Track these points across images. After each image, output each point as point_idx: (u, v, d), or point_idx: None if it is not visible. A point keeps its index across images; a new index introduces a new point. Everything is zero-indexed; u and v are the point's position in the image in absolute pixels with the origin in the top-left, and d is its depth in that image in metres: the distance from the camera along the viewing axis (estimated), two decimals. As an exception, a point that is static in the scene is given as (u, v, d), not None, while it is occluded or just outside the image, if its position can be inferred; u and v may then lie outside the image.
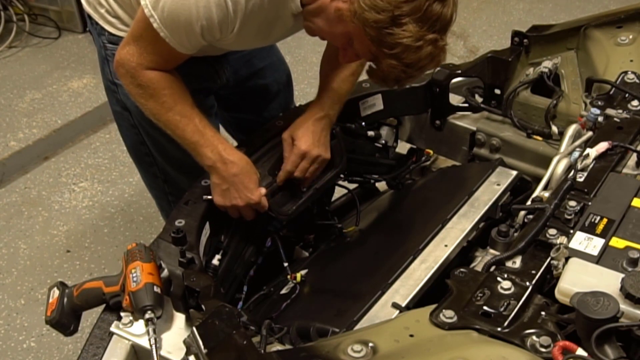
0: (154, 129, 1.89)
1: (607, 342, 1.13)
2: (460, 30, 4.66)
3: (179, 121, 1.65)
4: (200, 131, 1.66)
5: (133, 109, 1.91)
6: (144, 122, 1.92)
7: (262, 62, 2.11)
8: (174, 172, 2.04)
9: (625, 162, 1.65)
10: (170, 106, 1.65)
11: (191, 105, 1.67)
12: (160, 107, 1.65)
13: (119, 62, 1.65)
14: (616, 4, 3.89)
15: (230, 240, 1.71)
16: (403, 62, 1.43)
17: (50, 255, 3.04)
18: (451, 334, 1.22)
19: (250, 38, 1.67)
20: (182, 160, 1.91)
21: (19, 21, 4.49)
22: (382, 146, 2.13)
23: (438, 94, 2.09)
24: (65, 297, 1.43)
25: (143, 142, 2.00)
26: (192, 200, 1.63)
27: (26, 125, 3.80)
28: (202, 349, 1.15)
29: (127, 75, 1.65)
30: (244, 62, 2.05)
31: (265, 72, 2.13)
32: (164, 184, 2.08)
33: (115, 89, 1.93)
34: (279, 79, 2.19)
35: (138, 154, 2.06)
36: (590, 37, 2.05)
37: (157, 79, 1.63)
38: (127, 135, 2.05)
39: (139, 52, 1.61)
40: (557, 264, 1.32)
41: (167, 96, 1.64)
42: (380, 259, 1.72)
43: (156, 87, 1.64)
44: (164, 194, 2.12)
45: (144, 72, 1.62)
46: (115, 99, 1.96)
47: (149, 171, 2.08)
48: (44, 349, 2.63)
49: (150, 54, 1.61)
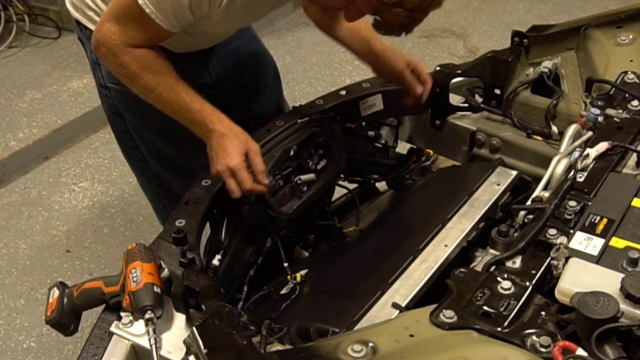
0: (148, 132, 1.90)
1: (607, 342, 1.13)
2: (460, 30, 4.66)
3: (167, 96, 1.64)
4: (188, 104, 1.64)
5: (125, 114, 1.91)
6: (137, 126, 1.91)
7: (249, 57, 2.11)
8: (167, 175, 2.03)
9: (625, 162, 1.65)
10: (157, 82, 1.62)
11: (176, 79, 1.64)
12: (146, 85, 1.63)
13: (98, 40, 1.60)
14: (616, 4, 3.89)
15: (231, 240, 1.71)
16: (406, 8, 1.45)
17: (50, 255, 3.05)
18: (451, 334, 1.22)
19: (239, 13, 1.65)
20: (176, 162, 1.94)
21: (19, 21, 4.48)
22: (382, 146, 2.13)
23: (438, 94, 2.09)
24: (65, 297, 1.43)
25: (136, 147, 2.00)
26: (193, 200, 1.63)
27: (26, 125, 3.80)
28: (202, 349, 1.15)
29: (108, 55, 1.62)
30: (230, 56, 2.05)
31: (253, 67, 2.14)
32: (158, 189, 2.08)
33: (107, 94, 1.91)
34: (266, 73, 2.20)
35: (132, 159, 2.07)
36: (590, 37, 2.05)
37: (140, 57, 1.60)
38: (121, 141, 2.05)
39: (121, 30, 1.57)
40: (557, 264, 1.32)
41: (151, 73, 1.61)
42: (380, 259, 1.72)
43: (139, 64, 1.61)
44: (159, 197, 2.12)
45: (126, 49, 1.59)
46: (107, 103, 1.95)
47: (144, 175, 2.08)
48: (44, 349, 2.63)
49: (133, 31, 1.57)
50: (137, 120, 1.92)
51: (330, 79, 4.11)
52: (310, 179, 1.85)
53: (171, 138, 1.96)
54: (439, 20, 4.71)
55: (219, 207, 1.69)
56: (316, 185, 1.86)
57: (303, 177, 1.84)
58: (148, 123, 1.94)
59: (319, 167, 1.89)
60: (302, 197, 1.82)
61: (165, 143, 1.95)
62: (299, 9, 4.82)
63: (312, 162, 1.88)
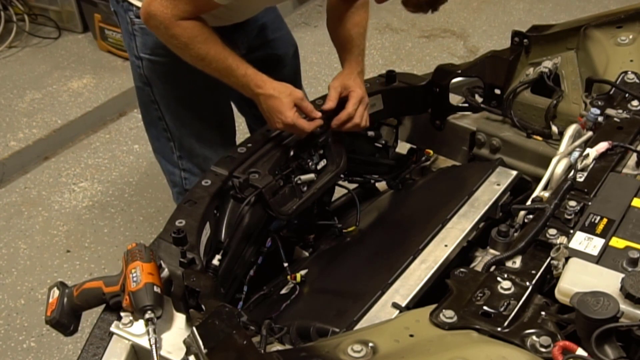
0: (175, 103, 2.06)
1: (607, 342, 1.13)
2: (460, 30, 4.66)
3: (216, 63, 1.79)
4: (234, 69, 1.79)
5: (155, 84, 2.04)
6: (165, 97, 2.05)
7: (274, 34, 2.24)
8: (189, 147, 2.15)
9: (625, 162, 1.65)
10: (206, 51, 1.77)
11: (222, 47, 1.79)
12: (196, 54, 1.78)
13: (150, 14, 1.74)
14: (616, 4, 3.90)
15: (231, 240, 1.71)
16: None
17: (50, 255, 3.05)
18: (451, 334, 1.22)
19: None
20: (200, 134, 2.12)
21: (19, 21, 4.48)
22: (382, 146, 2.13)
23: (438, 94, 2.09)
24: (65, 297, 1.43)
25: (162, 118, 2.11)
26: (193, 200, 1.63)
27: (26, 125, 3.80)
28: (202, 349, 1.15)
29: (160, 27, 1.76)
30: (257, 32, 2.18)
31: (277, 43, 2.25)
32: (179, 160, 2.19)
33: (139, 64, 2.04)
34: (288, 51, 2.31)
35: (157, 129, 2.17)
36: (590, 37, 2.05)
37: (190, 28, 1.75)
38: (147, 111, 2.16)
39: (173, 4, 1.71)
40: (557, 264, 1.32)
41: (200, 42, 1.76)
42: (380, 259, 1.72)
43: (190, 34, 1.75)
44: (177, 170, 2.22)
45: (177, 22, 1.73)
46: (138, 74, 2.07)
47: (167, 146, 2.19)
48: (44, 349, 2.63)
49: (184, 4, 1.72)
50: (167, 91, 2.06)
51: (330, 79, 4.08)
52: (310, 179, 1.86)
53: (197, 111, 2.10)
54: (439, 20, 4.71)
55: (219, 207, 1.69)
56: (316, 185, 1.86)
57: (303, 177, 1.84)
58: (177, 94, 2.07)
59: (319, 167, 1.90)
60: (302, 197, 1.83)
61: (192, 115, 2.10)
62: (299, 9, 4.84)
63: (312, 162, 1.88)
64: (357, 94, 1.88)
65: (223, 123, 2.19)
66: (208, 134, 2.13)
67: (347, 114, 1.86)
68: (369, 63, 4.30)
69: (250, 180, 1.72)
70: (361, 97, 1.88)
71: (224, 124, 2.20)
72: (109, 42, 4.32)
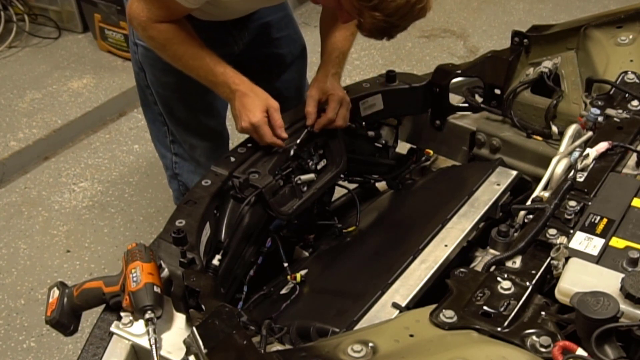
0: (162, 90, 2.11)
1: (607, 342, 1.13)
2: (460, 30, 4.66)
3: (192, 63, 1.82)
4: (211, 68, 1.81)
5: (147, 70, 2.10)
6: (156, 83, 2.10)
7: (279, 33, 2.23)
8: (179, 134, 2.20)
9: (625, 162, 1.65)
10: (182, 52, 1.81)
11: (200, 46, 1.82)
12: (173, 54, 1.83)
13: (130, 16, 1.81)
14: (616, 4, 3.89)
15: (231, 240, 1.71)
16: (384, 13, 1.50)
17: (50, 255, 3.04)
18: (451, 334, 1.22)
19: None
20: (188, 121, 2.17)
21: (19, 21, 4.48)
22: (382, 146, 2.13)
23: (438, 94, 2.09)
24: (65, 297, 1.43)
25: (156, 102, 2.17)
26: (193, 200, 1.63)
27: (26, 125, 3.80)
28: (202, 349, 1.15)
29: (139, 28, 1.83)
30: (261, 29, 2.18)
31: (281, 42, 2.25)
32: (172, 144, 2.26)
33: (135, 50, 2.10)
34: (294, 51, 2.30)
35: (152, 113, 2.24)
36: (590, 37, 2.05)
37: (165, 30, 1.79)
38: (143, 95, 2.22)
39: (147, 8, 1.77)
40: (557, 264, 1.32)
41: (176, 44, 1.81)
42: (380, 259, 1.72)
43: (165, 37, 1.80)
44: (170, 154, 2.29)
45: (153, 25, 1.79)
46: (135, 59, 2.15)
47: (161, 130, 2.25)
48: (44, 349, 2.63)
49: (157, 9, 1.76)
50: (156, 78, 2.11)
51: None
52: (310, 179, 1.86)
53: (184, 99, 2.14)
54: (439, 20, 4.71)
55: (219, 207, 1.69)
56: (316, 185, 1.86)
57: (303, 177, 1.84)
58: (165, 82, 2.11)
59: (319, 167, 1.90)
60: (302, 197, 1.83)
61: (179, 103, 2.14)
62: (299, 9, 4.84)
63: (312, 162, 1.88)
64: (336, 97, 1.87)
65: (211, 113, 2.21)
66: (194, 122, 2.17)
67: (328, 119, 1.86)
68: (369, 63, 4.31)
69: (250, 180, 1.72)
70: (341, 99, 1.88)
71: (211, 113, 2.22)
72: (109, 42, 4.32)
